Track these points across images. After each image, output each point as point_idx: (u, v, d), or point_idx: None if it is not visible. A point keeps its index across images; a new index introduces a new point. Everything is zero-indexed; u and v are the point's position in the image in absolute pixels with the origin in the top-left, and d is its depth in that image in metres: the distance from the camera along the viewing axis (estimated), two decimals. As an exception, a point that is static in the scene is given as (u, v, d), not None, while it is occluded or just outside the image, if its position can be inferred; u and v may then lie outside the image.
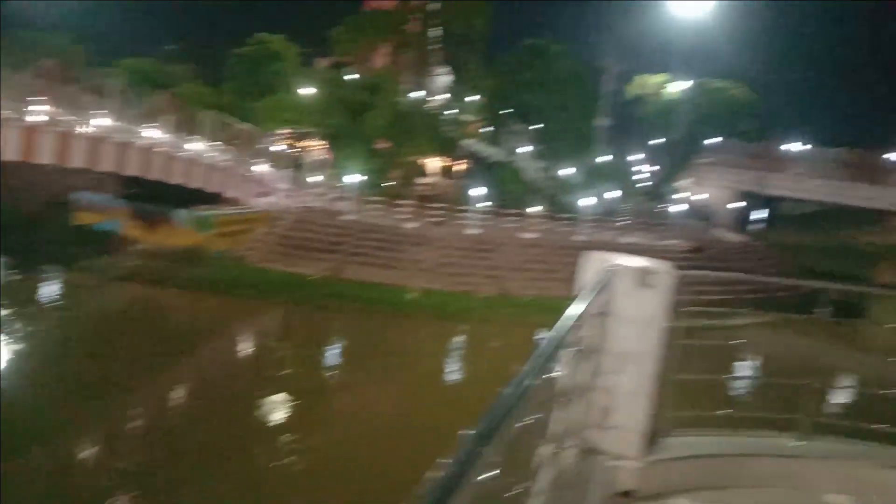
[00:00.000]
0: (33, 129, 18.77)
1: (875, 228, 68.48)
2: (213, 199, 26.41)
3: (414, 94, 32.97)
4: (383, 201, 29.76)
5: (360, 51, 32.05)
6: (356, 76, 32.60)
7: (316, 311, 21.77)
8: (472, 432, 1.44)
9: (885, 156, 44.11)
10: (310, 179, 32.04)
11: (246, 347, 20.16)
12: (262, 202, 27.92)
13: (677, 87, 42.21)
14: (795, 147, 46.12)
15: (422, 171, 37.02)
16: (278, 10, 45.30)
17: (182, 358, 16.99)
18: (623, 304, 3.21)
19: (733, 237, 35.91)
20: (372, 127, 29.40)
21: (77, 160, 20.50)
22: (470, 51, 34.27)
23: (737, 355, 21.46)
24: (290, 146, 34.53)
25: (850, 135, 59.85)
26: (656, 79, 42.86)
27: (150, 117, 23.99)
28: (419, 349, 19.98)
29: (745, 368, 19.45)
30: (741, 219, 43.93)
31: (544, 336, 2.24)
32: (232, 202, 26.97)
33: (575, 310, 2.45)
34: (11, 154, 18.09)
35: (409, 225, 27.99)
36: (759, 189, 41.14)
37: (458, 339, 21.15)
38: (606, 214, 33.56)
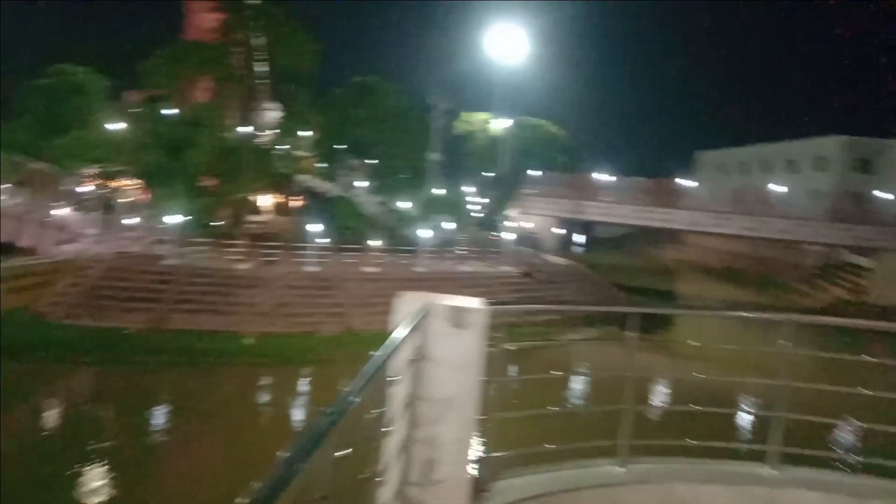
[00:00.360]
0: None
1: (675, 246, 78.21)
2: (5, 250, 22.82)
3: (242, 130, 31.50)
4: (212, 242, 27.78)
5: (178, 84, 30.02)
6: (175, 111, 30.45)
7: (131, 370, 19.40)
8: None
9: (677, 182, 50.65)
10: (125, 222, 29.05)
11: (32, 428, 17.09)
12: (66, 250, 24.66)
13: (500, 125, 45.17)
14: (605, 177, 51.28)
15: (255, 209, 35.34)
16: (83, 41, 41.21)
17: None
18: (438, 346, 2.99)
19: (559, 260, 38.67)
20: (195, 164, 27.51)
21: None
22: (299, 86, 33.69)
23: (560, 383, 22.79)
24: (100, 187, 31.14)
25: (650, 164, 68.40)
26: (480, 116, 45.53)
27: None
28: (247, 402, 18.25)
29: (568, 395, 20.51)
30: (564, 243, 47.64)
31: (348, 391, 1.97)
32: (28, 252, 23.47)
33: (385, 358, 2.21)
34: None
35: (242, 266, 26.38)
36: (576, 216, 44.94)
37: (295, 385, 20.06)
38: (444, 245, 34.46)
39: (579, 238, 71.13)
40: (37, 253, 23.52)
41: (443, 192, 38.93)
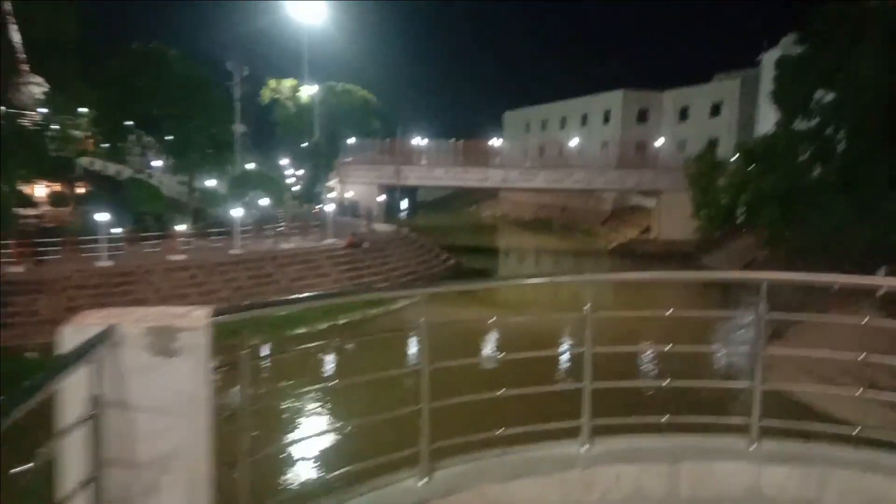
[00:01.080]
0: None
1: (492, 203, 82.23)
2: None
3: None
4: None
5: None
6: None
7: None
8: None
9: (489, 142, 52.76)
10: None
11: None
12: None
13: (309, 91, 43.20)
14: (421, 141, 51.84)
15: (27, 201, 30.15)
16: None
17: None
18: (133, 387, 2.06)
19: (385, 228, 38.48)
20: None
21: None
22: (63, 57, 28.86)
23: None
24: None
25: (463, 126, 70.47)
26: (288, 83, 43.14)
27: None
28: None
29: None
30: (389, 210, 47.59)
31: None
32: None
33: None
34: None
35: (13, 269, 22.37)
36: (396, 181, 44.97)
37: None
38: (261, 222, 32.44)
39: (404, 203, 71.81)
40: None
41: (254, 166, 36.46)
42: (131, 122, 29.87)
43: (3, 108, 27.27)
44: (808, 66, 22.96)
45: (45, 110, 32.32)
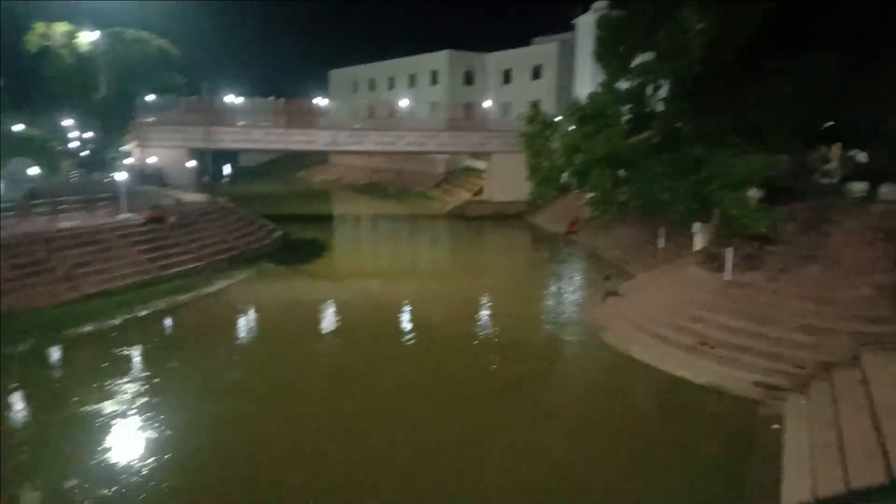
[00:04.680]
0: None
1: (322, 168, 78.10)
2: None
3: None
4: None
5: None
6: None
7: None
8: None
9: (314, 101, 48.90)
10: None
11: None
12: None
13: (89, 38, 36.19)
14: (237, 100, 46.58)
15: None
16: None
17: None
18: None
19: (196, 197, 33.78)
20: None
21: None
22: None
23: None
24: None
25: (284, 85, 65.07)
26: (60, 27, 35.72)
27: None
28: None
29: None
30: (201, 177, 42.24)
31: None
32: None
33: None
34: None
35: None
36: (208, 145, 39.87)
37: None
38: (32, 198, 26.54)
39: (222, 170, 65.45)
40: None
41: (19, 128, 29.67)
42: None
43: None
44: (628, 24, 23.04)
45: None
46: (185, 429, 12.79)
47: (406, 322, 21.33)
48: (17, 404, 14.31)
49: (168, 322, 20.70)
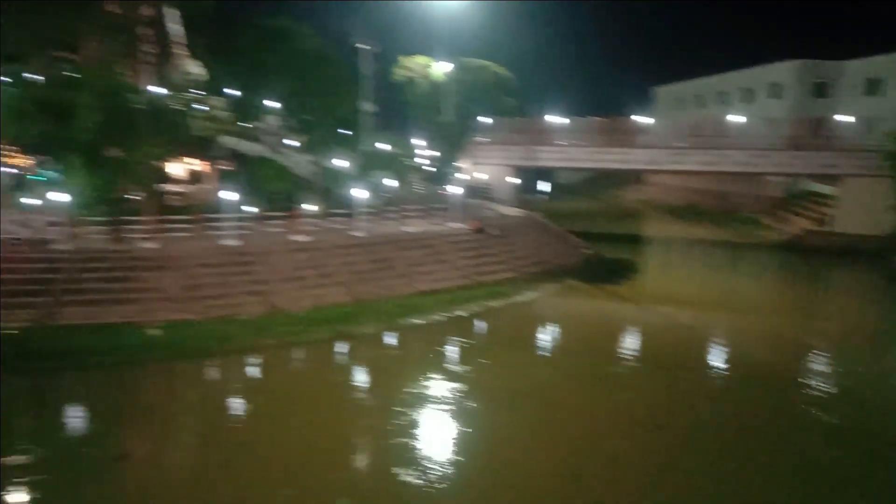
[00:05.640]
0: None
1: (636, 187, 76.43)
2: None
3: (134, 86, 27.46)
4: (113, 220, 24.21)
5: (44, 37, 25.66)
6: (62, 71, 26.20)
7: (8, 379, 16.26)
8: None
9: (633, 119, 48.03)
10: (16, 203, 25.17)
11: None
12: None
13: (442, 68, 41.60)
14: (558, 119, 48.39)
15: (170, 179, 31.55)
16: None
17: None
18: None
19: (514, 212, 36.06)
20: (82, 130, 23.60)
21: None
22: (197, 34, 29.50)
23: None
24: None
25: (605, 103, 65.62)
26: (420, 60, 41.87)
27: None
28: (129, 422, 15.11)
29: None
30: (523, 193, 45.01)
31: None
32: None
33: None
34: None
35: (148, 245, 22.98)
36: (529, 162, 42.22)
37: (207, 386, 17.15)
38: (387, 204, 31.46)
39: (540, 186, 68.92)
40: None
41: (382, 146, 35.58)
42: (266, 101, 30.01)
43: (153, 88, 28.35)
44: None
45: (200, 92, 33.66)
46: (495, 421, 13.67)
47: (716, 360, 19.21)
48: (363, 377, 17.04)
49: (481, 324, 22.34)
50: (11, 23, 24.90)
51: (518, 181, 43.85)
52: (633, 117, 48.78)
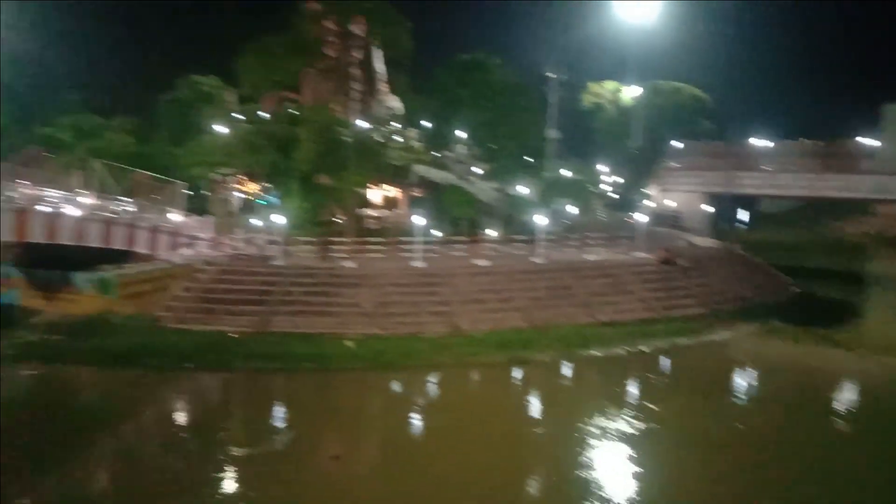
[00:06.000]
0: None
1: (860, 218, 66.71)
2: (123, 256, 23.60)
3: (346, 121, 30.67)
4: (321, 241, 27.12)
5: (274, 79, 29.76)
6: (280, 109, 30.33)
7: (231, 377, 18.85)
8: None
9: (856, 142, 42.32)
10: (245, 224, 29.45)
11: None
12: (181, 255, 25.11)
13: (632, 93, 40.44)
14: (762, 142, 44.32)
15: (370, 204, 34.57)
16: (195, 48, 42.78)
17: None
18: None
19: (707, 243, 33.54)
20: (302, 161, 26.94)
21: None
22: (398, 72, 32.10)
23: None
24: (220, 190, 31.96)
25: (819, 125, 58.44)
26: (609, 86, 41.15)
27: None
28: (325, 422, 16.38)
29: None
30: (715, 222, 41.76)
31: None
32: (144, 258, 24.13)
33: None
34: None
35: (347, 264, 25.29)
36: (728, 189, 39.03)
37: (394, 398, 18.24)
38: (568, 231, 31.19)
39: (736, 215, 63.35)
40: (152, 259, 24.13)
41: (566, 172, 35.42)
42: (453, 131, 31.67)
43: (359, 122, 31.47)
44: None
45: (398, 125, 36.71)
46: (685, 471, 12.86)
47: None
48: (537, 403, 16.96)
49: (666, 361, 21.00)
50: (248, 69, 29.33)
51: (712, 209, 40.76)
52: (857, 139, 42.92)
